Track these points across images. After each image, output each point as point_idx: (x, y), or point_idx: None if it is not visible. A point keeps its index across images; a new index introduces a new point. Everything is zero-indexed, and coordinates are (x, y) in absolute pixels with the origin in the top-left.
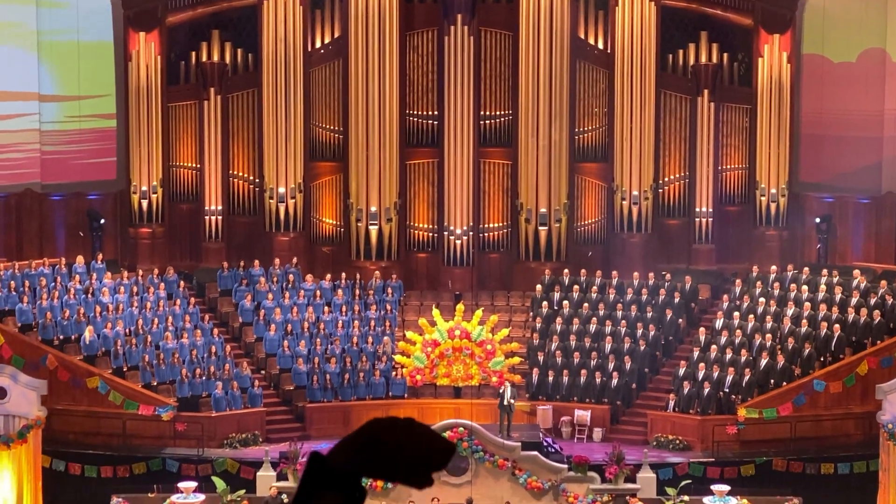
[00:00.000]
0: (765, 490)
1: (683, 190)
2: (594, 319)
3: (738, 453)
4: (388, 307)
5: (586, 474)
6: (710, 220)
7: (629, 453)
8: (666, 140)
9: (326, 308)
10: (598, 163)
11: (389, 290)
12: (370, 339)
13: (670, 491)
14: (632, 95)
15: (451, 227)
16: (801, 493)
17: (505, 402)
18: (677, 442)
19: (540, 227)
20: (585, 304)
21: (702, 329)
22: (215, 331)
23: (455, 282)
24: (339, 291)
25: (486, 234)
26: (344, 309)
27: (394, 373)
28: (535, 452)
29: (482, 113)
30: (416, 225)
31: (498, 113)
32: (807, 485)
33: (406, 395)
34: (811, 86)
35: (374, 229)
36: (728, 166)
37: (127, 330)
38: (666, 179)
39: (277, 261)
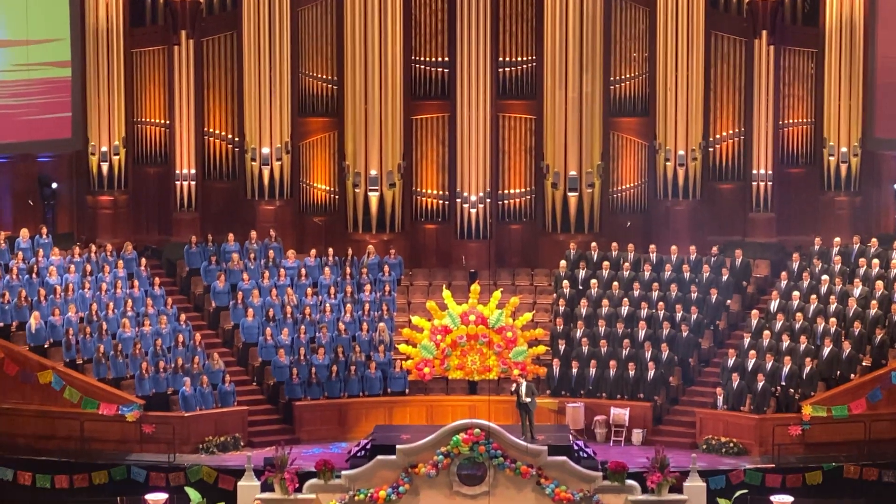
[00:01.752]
0: (834, 501)
1: (738, 149)
2: (626, 301)
3: (802, 458)
4: (387, 288)
5: (624, 483)
6: (770, 184)
7: (674, 458)
8: (717, 90)
9: (310, 289)
10: (637, 117)
11: (386, 268)
12: (364, 326)
13: (723, 502)
14: (677, 38)
15: (465, 194)
16: None
17: (522, 400)
18: (731, 445)
19: (569, 194)
20: (615, 284)
21: (754, 312)
22: (183, 316)
23: (469, 258)
24: (327, 270)
25: (505, 202)
26: (333, 290)
27: (393, 365)
28: (564, 458)
29: (501, 59)
30: (424, 191)
31: (519, 59)
32: (884, 494)
33: (407, 391)
34: (889, 25)
35: (374, 196)
36: (790, 121)
37: (80, 316)
38: (717, 137)
39: (254, 234)
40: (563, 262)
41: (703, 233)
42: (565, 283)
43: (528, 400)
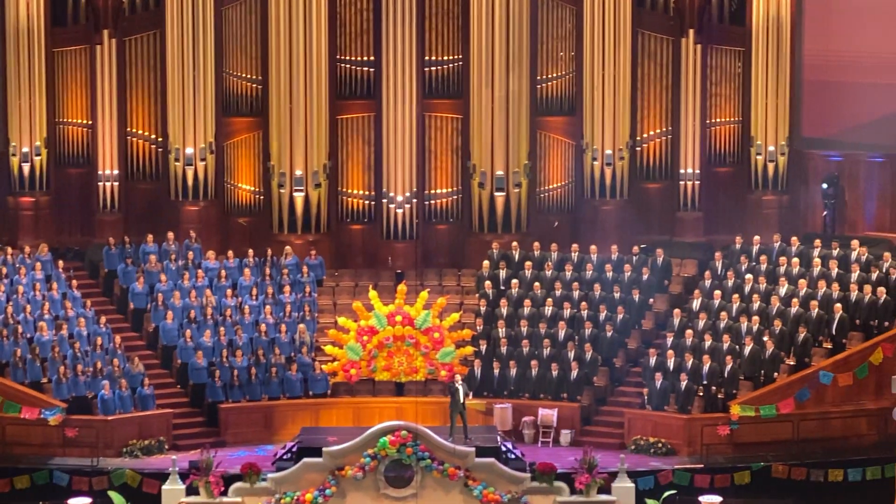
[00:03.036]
0: (762, 500)
1: (665, 148)
2: (549, 301)
3: (730, 458)
4: (307, 289)
5: (552, 485)
6: (697, 183)
7: (603, 459)
8: (644, 89)
9: (230, 291)
10: (564, 116)
11: (305, 269)
12: (284, 328)
13: (651, 503)
14: (604, 37)
15: (391, 194)
16: None
17: (460, 400)
18: (659, 445)
19: (496, 193)
20: (537, 284)
21: (676, 311)
22: (103, 319)
23: (396, 258)
24: (247, 271)
25: (432, 202)
26: (254, 292)
27: (314, 367)
28: (492, 459)
29: (427, 58)
30: (350, 191)
31: (445, 58)
32: (812, 494)
33: (329, 394)
34: (815, 24)
35: (299, 197)
36: (718, 120)
37: None
38: (644, 136)
39: (171, 235)
40: (485, 263)
41: (631, 232)
42: (487, 283)
43: (463, 401)
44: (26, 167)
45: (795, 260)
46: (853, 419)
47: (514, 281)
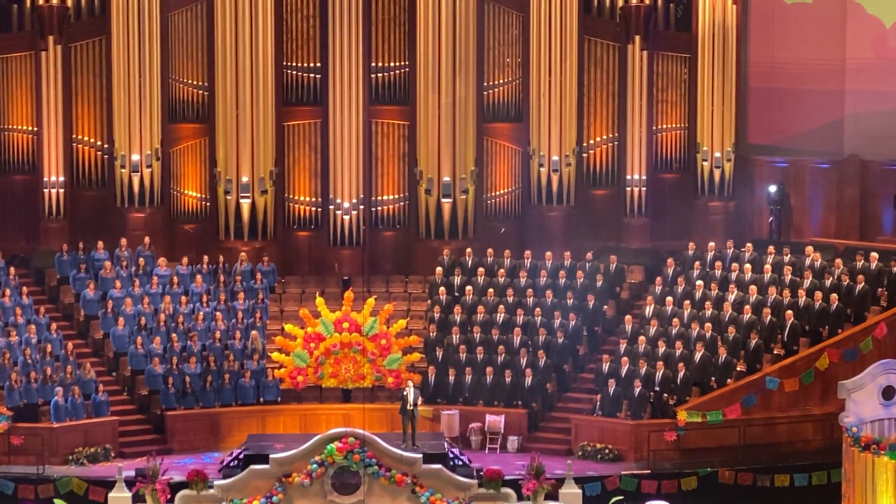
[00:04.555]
0: None
1: (612, 154)
2: (502, 307)
3: (677, 464)
4: (260, 295)
5: (500, 491)
6: (644, 189)
7: (550, 465)
8: (591, 96)
9: (184, 297)
10: (510, 123)
11: (259, 276)
12: (237, 335)
13: None
14: (550, 43)
15: (338, 201)
16: None
17: (408, 407)
18: (606, 451)
19: (443, 200)
20: (491, 290)
21: (628, 318)
22: (53, 326)
23: (343, 265)
24: (199, 278)
25: (379, 209)
26: (205, 298)
27: (266, 374)
28: (439, 466)
29: (373, 64)
30: (296, 198)
31: (392, 64)
32: (758, 499)
33: (280, 400)
34: (761, 31)
35: (245, 203)
36: (664, 126)
37: None
38: (591, 142)
39: (124, 241)
40: (438, 269)
41: (578, 238)
42: (441, 289)
43: (413, 407)
44: None
45: (747, 266)
46: (799, 424)
47: (468, 287)
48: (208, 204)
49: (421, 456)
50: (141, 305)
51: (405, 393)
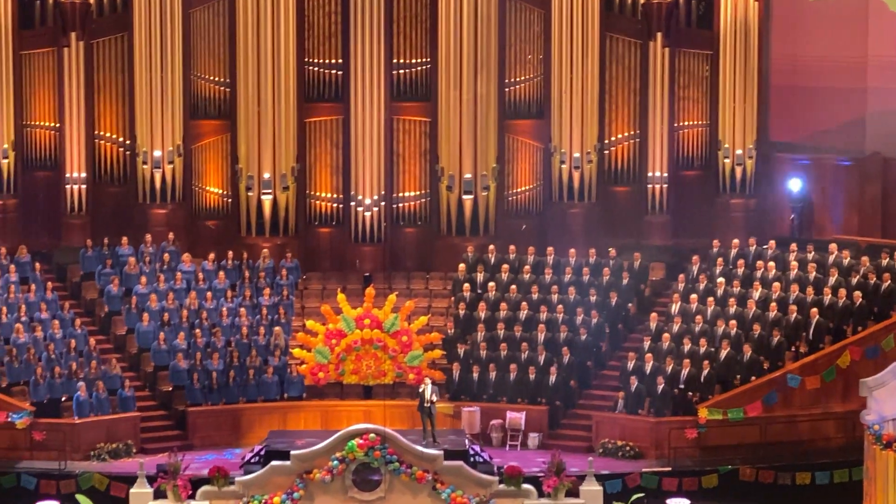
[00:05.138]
0: (730, 503)
1: (633, 152)
2: (525, 304)
3: (698, 461)
4: (284, 292)
5: (520, 488)
6: (665, 186)
7: (571, 462)
8: (612, 93)
9: (209, 294)
10: (532, 120)
11: (284, 272)
12: (262, 331)
13: None
14: (572, 40)
15: (359, 197)
16: None
17: (425, 403)
18: (627, 448)
19: (464, 197)
20: (514, 287)
21: (653, 315)
22: (78, 321)
23: (364, 261)
24: (222, 274)
25: (400, 205)
26: (230, 294)
27: (289, 370)
28: (460, 463)
29: (395, 61)
30: (318, 194)
31: (414, 61)
32: (779, 497)
33: (304, 396)
34: (783, 28)
35: (267, 200)
36: (685, 123)
37: None
38: (612, 139)
39: (149, 237)
40: (461, 266)
41: (598, 235)
42: (466, 286)
43: (434, 401)
44: None
45: (771, 264)
46: (821, 422)
47: (491, 284)
48: (230, 200)
49: (442, 453)
50: (165, 301)
51: (421, 389)
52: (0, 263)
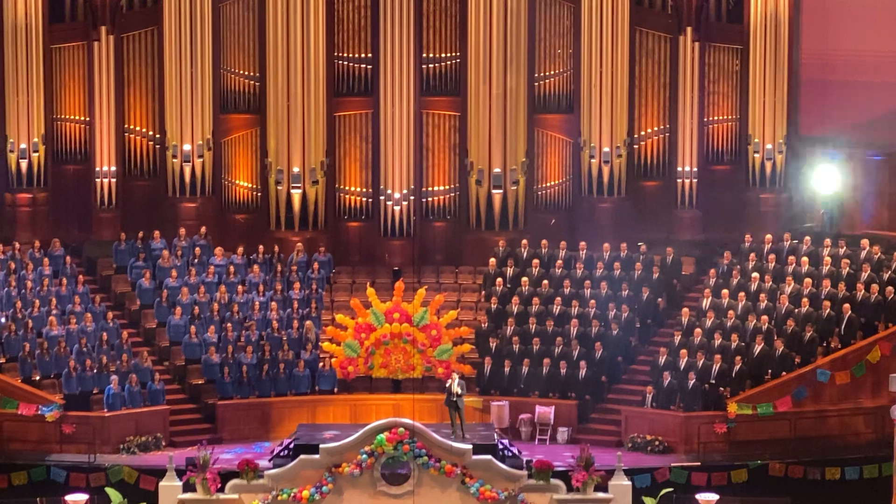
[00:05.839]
0: (759, 499)
1: (663, 146)
2: (558, 299)
3: (727, 456)
4: (315, 286)
5: (549, 482)
6: (695, 181)
7: (600, 457)
8: (642, 87)
9: (240, 287)
10: (561, 114)
11: (316, 266)
12: (294, 324)
13: (649, 501)
14: (601, 34)
15: (389, 191)
16: (801, 503)
17: (452, 397)
18: (657, 443)
19: (493, 191)
20: (546, 282)
21: (685, 310)
22: (109, 315)
23: (393, 255)
24: (256, 267)
25: (429, 199)
26: (262, 288)
27: (321, 363)
28: (489, 457)
29: (425, 55)
30: (347, 188)
31: (443, 55)
32: (809, 492)
33: (336, 390)
34: (813, 22)
35: (296, 194)
36: (715, 118)
37: (4, 315)
38: (642, 134)
39: (183, 231)
40: (491, 261)
41: (628, 230)
42: (499, 280)
43: (460, 394)
44: (24, 164)
45: (804, 259)
46: (850, 417)
47: (524, 279)
48: (259, 194)
49: (470, 447)
50: (197, 295)
51: (448, 383)
52: (33, 257)
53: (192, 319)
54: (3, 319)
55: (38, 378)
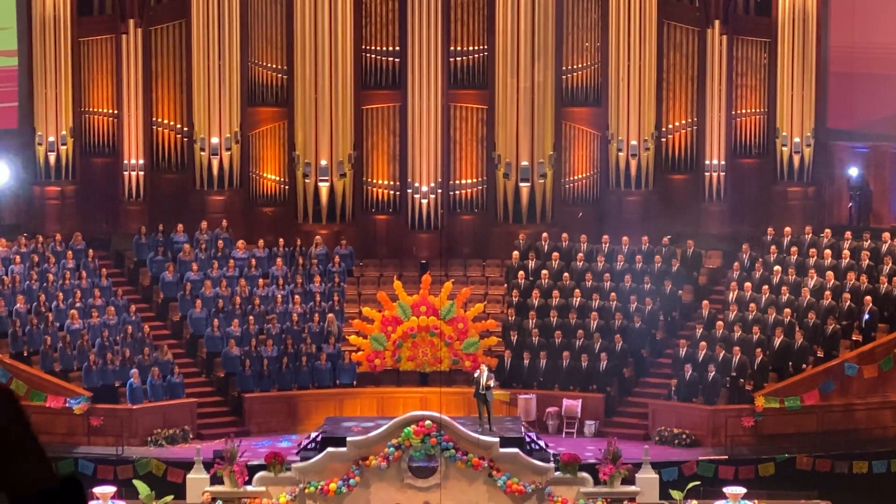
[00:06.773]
0: (787, 493)
1: (691, 139)
2: (578, 292)
3: (755, 449)
4: (336, 279)
5: (576, 475)
6: (723, 174)
7: (627, 450)
8: (670, 80)
9: (262, 280)
10: (589, 107)
11: (336, 259)
12: (316, 318)
13: (676, 494)
14: (629, 27)
15: (416, 184)
16: (828, 496)
17: (481, 389)
18: (684, 436)
19: (521, 184)
20: (566, 274)
21: (704, 303)
22: (132, 308)
23: (420, 248)
24: (279, 260)
25: (457, 192)
26: (281, 282)
27: (342, 357)
28: (516, 450)
29: (452, 49)
30: (375, 181)
31: (471, 49)
32: (836, 486)
33: (356, 383)
34: (841, 15)
35: (324, 187)
36: (743, 111)
37: (27, 307)
38: (670, 127)
39: (204, 224)
40: (514, 253)
41: (655, 223)
42: (521, 273)
43: (490, 387)
44: (52, 157)
45: (827, 251)
46: (878, 411)
47: (545, 272)
48: (287, 187)
49: (498, 440)
50: (219, 288)
51: (476, 375)
52: (55, 250)
53: (216, 313)
54: (18, 306)
55: (58, 370)
